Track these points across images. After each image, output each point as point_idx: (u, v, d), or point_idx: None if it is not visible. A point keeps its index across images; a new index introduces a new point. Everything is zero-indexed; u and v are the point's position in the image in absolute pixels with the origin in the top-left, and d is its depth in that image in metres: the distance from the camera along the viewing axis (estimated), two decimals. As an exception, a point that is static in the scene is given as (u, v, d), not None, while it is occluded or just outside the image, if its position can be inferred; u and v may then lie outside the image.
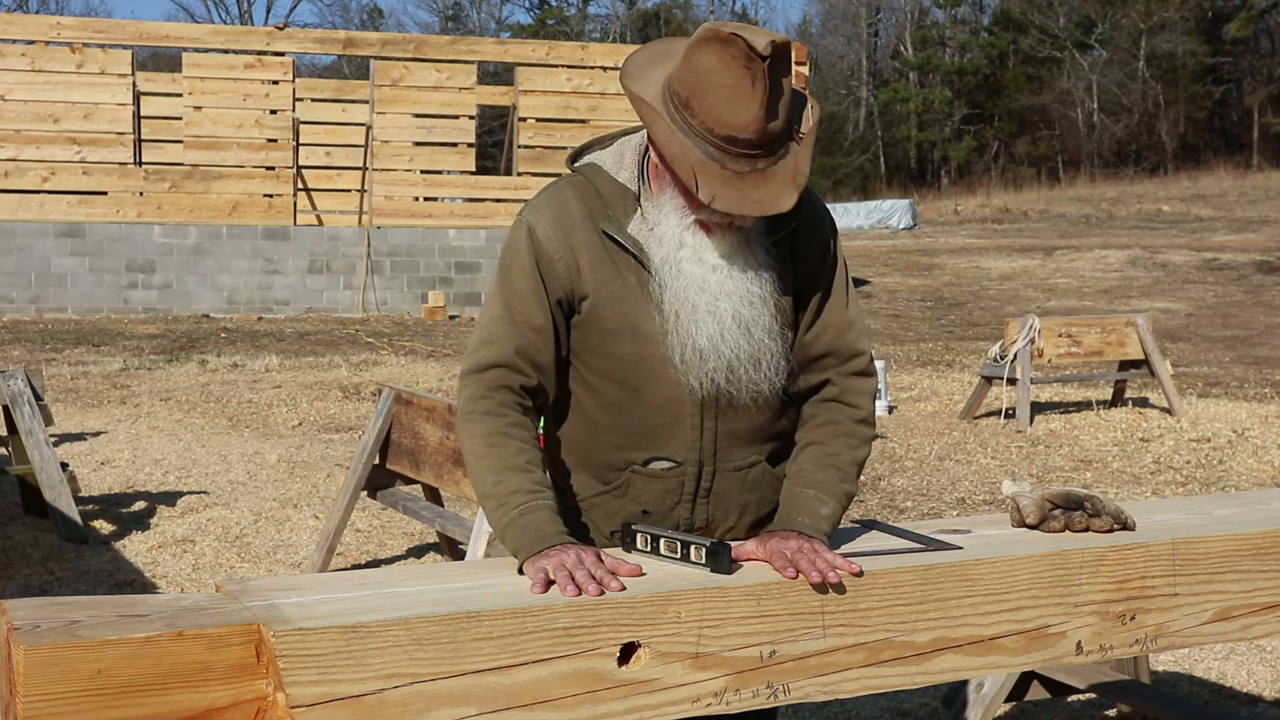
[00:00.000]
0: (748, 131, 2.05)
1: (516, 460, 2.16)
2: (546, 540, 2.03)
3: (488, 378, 2.23)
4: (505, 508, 2.12)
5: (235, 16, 55.98)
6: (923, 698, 4.36)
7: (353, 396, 11.32)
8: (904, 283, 22.72)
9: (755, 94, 2.03)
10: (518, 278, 2.24)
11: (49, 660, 1.59)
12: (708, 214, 2.14)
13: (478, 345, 2.26)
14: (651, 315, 2.21)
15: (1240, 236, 27.87)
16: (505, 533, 2.09)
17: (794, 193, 2.10)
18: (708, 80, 2.05)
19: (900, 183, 52.88)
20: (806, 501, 2.21)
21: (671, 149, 2.09)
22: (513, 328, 2.23)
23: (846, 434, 2.30)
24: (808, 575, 2.00)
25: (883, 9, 60.28)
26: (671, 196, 2.18)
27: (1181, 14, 52.29)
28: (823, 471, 2.25)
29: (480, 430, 2.20)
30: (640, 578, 1.98)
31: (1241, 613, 2.30)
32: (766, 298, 2.20)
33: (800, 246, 2.29)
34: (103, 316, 17.17)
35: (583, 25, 59.64)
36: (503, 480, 2.14)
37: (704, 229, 2.17)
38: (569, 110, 18.97)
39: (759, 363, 2.21)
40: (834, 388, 2.33)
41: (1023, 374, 10.15)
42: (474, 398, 2.23)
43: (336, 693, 1.70)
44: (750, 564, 2.05)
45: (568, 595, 1.88)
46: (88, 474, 7.93)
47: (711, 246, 2.17)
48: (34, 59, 17.32)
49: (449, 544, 5.95)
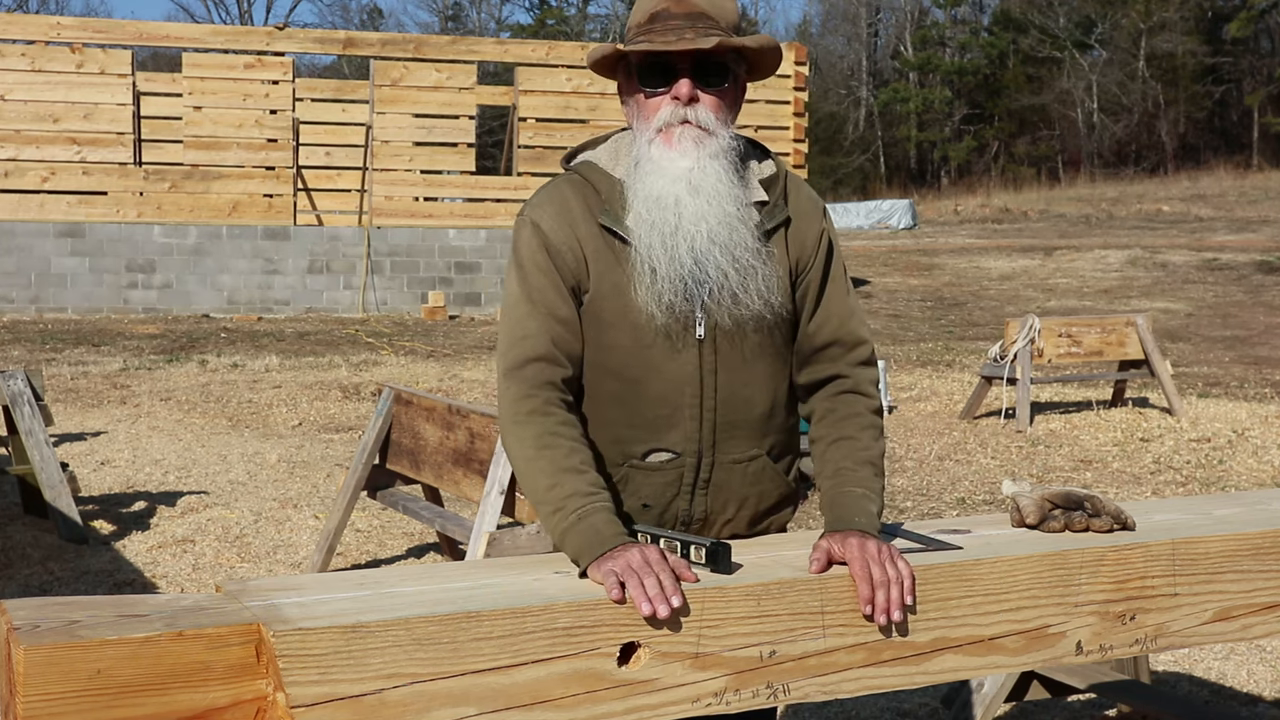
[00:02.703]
0: (663, 3, 2.21)
1: (570, 461, 2.13)
2: (607, 543, 2.00)
3: (528, 375, 2.20)
4: (562, 512, 2.08)
5: (235, 16, 56.00)
6: (923, 698, 4.36)
7: (353, 396, 11.32)
8: (904, 283, 22.71)
9: None
10: (534, 273, 2.24)
11: (49, 660, 1.58)
12: (664, 115, 2.21)
13: (512, 343, 2.23)
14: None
15: (1240, 236, 27.87)
16: (565, 537, 2.07)
17: (718, 39, 2.18)
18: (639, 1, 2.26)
19: (900, 183, 52.88)
20: (858, 500, 2.20)
21: (606, 50, 2.25)
22: (542, 321, 2.22)
23: (870, 426, 2.31)
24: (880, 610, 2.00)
25: (883, 9, 60.30)
26: (639, 126, 2.26)
27: (1181, 14, 52.29)
28: (862, 468, 2.25)
29: (530, 433, 2.17)
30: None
31: (1241, 613, 2.30)
32: (744, 218, 2.22)
33: (796, 234, 2.30)
34: (103, 316, 17.17)
35: (583, 25, 59.64)
36: (558, 484, 2.11)
37: (665, 138, 2.22)
38: (569, 110, 18.97)
39: (746, 285, 2.21)
40: (847, 380, 2.33)
41: (1023, 374, 10.15)
42: (519, 398, 2.20)
43: (336, 693, 1.70)
44: (750, 564, 2.05)
45: (643, 611, 1.87)
46: (88, 474, 7.93)
47: (676, 155, 2.21)
48: (34, 59, 17.32)
49: (449, 544, 5.95)
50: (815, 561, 2.05)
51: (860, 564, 2.03)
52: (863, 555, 2.03)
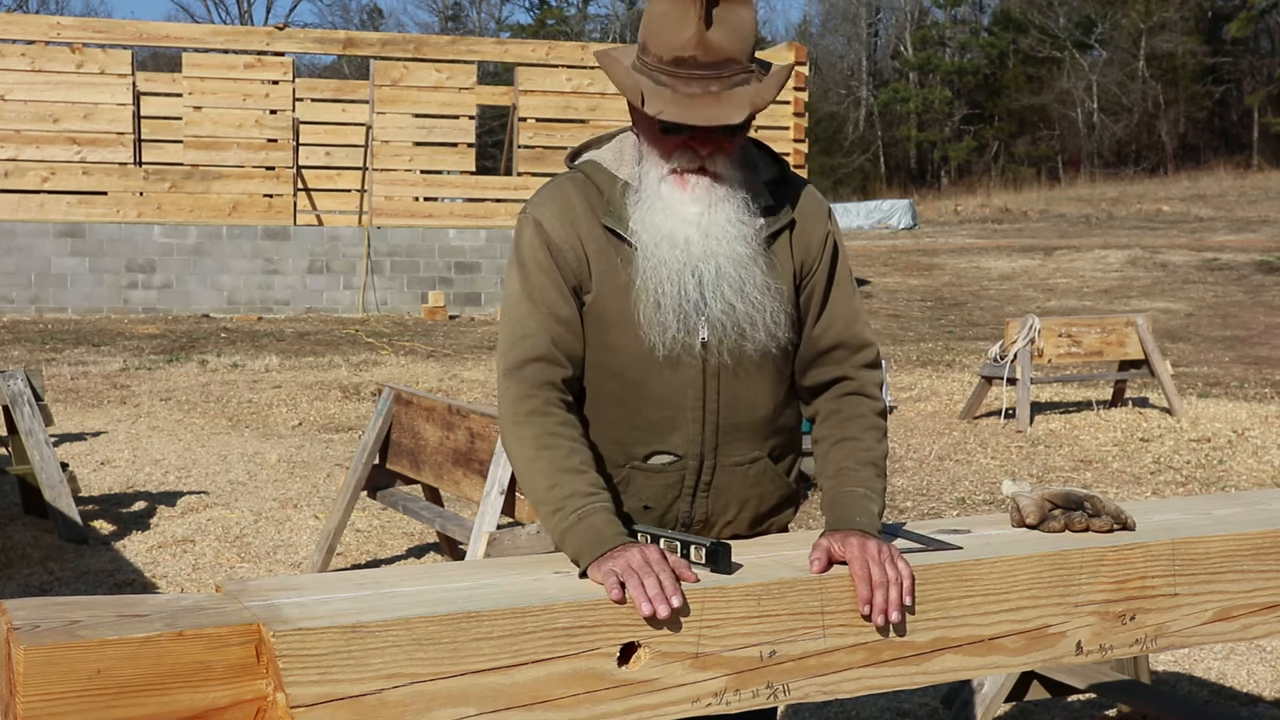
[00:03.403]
0: (689, 49, 2.10)
1: (569, 462, 2.13)
2: (608, 543, 2.00)
3: (528, 374, 2.20)
4: (562, 513, 2.08)
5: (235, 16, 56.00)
6: (923, 698, 4.36)
7: (353, 396, 11.31)
8: (904, 283, 22.71)
9: (692, 13, 2.10)
10: (535, 272, 2.22)
11: (49, 660, 1.58)
12: (680, 159, 2.17)
13: (512, 342, 2.22)
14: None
15: (1240, 236, 27.87)
16: (564, 538, 2.07)
17: (748, 108, 2.12)
18: (657, 20, 2.14)
19: (900, 183, 52.88)
20: (860, 501, 2.19)
21: (626, 81, 2.15)
22: (542, 320, 2.21)
23: (874, 427, 2.30)
24: (879, 610, 2.00)
25: (883, 9, 60.30)
26: (648, 152, 2.21)
27: (1181, 14, 52.28)
28: (865, 469, 2.25)
29: (529, 433, 2.16)
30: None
31: (1241, 613, 2.30)
32: (755, 256, 2.20)
33: (801, 236, 2.29)
34: (103, 316, 17.16)
35: (583, 25, 59.64)
36: (557, 484, 2.11)
37: (680, 181, 2.19)
38: (569, 110, 18.97)
39: (755, 321, 2.21)
40: (852, 382, 2.33)
41: (1023, 374, 10.15)
42: (518, 399, 2.19)
43: (336, 693, 1.69)
44: (750, 564, 2.05)
45: (643, 611, 1.87)
46: (88, 474, 7.93)
47: (688, 199, 2.18)
48: (34, 59, 17.32)
49: (449, 544, 5.95)
50: (815, 561, 2.04)
51: (860, 564, 2.02)
52: (863, 555, 2.03)
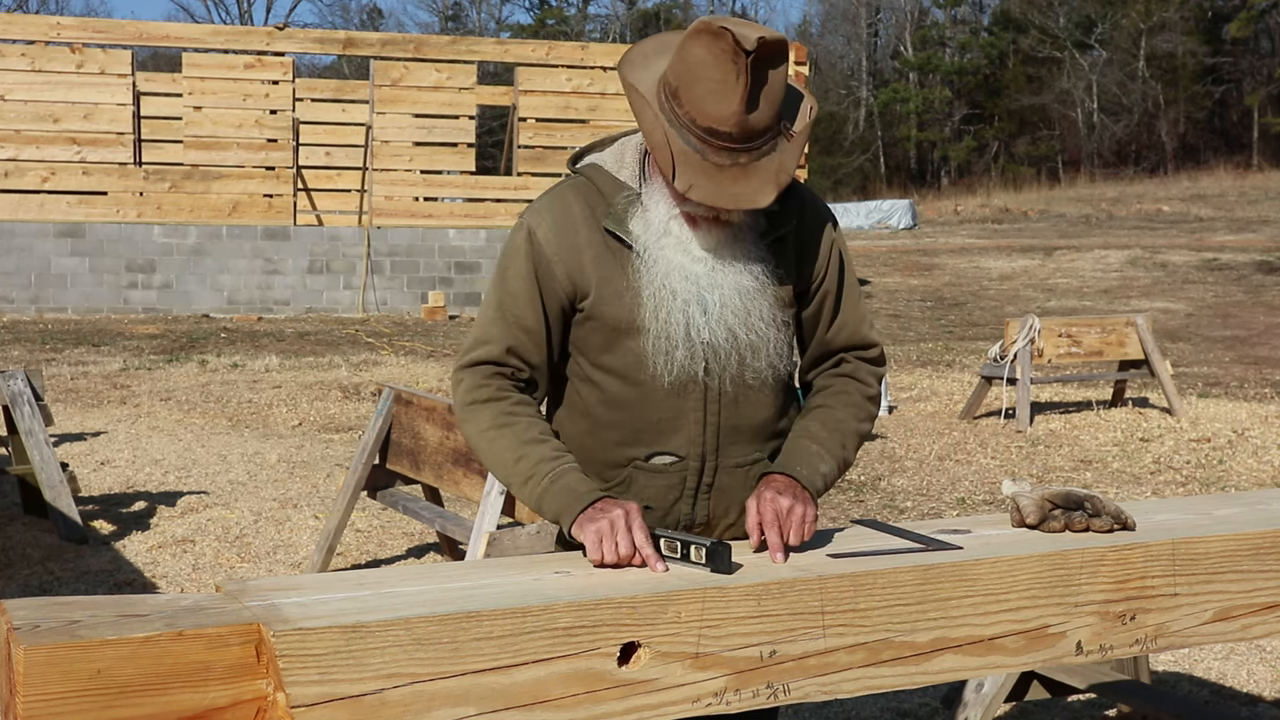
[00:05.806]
0: (727, 125, 2.06)
1: (530, 433, 2.20)
2: (584, 499, 2.09)
3: (480, 370, 2.27)
4: (535, 479, 2.15)
5: (235, 16, 55.99)
6: (923, 698, 4.36)
7: (353, 396, 11.32)
8: (904, 283, 22.71)
9: (738, 88, 2.04)
10: (513, 280, 2.27)
11: (49, 660, 1.58)
12: (692, 206, 2.16)
13: (471, 345, 2.30)
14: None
15: (1240, 236, 27.87)
16: (541, 502, 2.14)
17: (774, 189, 2.11)
18: (695, 72, 2.06)
19: (900, 183, 52.87)
20: (809, 456, 2.25)
21: (655, 136, 2.11)
22: (505, 328, 2.27)
23: (855, 405, 2.36)
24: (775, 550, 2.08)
25: (883, 9, 60.27)
26: (660, 186, 2.21)
27: (1181, 14, 52.27)
28: (828, 432, 2.30)
29: (485, 415, 2.23)
30: (640, 578, 1.98)
31: (1241, 613, 2.30)
32: (762, 288, 2.22)
33: (804, 243, 2.30)
34: (103, 316, 17.17)
35: (583, 25, 59.63)
36: (524, 455, 2.18)
37: (690, 222, 2.20)
38: (569, 110, 18.97)
39: (757, 351, 2.24)
40: (848, 365, 2.40)
41: (1023, 374, 10.15)
42: (471, 388, 2.27)
43: (336, 693, 1.70)
44: (751, 564, 2.05)
45: (607, 561, 2.01)
46: (88, 474, 7.93)
47: (696, 240, 2.20)
48: (34, 59, 17.32)
49: (449, 544, 5.95)
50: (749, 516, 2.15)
51: (753, 511, 2.12)
52: (774, 509, 2.12)
